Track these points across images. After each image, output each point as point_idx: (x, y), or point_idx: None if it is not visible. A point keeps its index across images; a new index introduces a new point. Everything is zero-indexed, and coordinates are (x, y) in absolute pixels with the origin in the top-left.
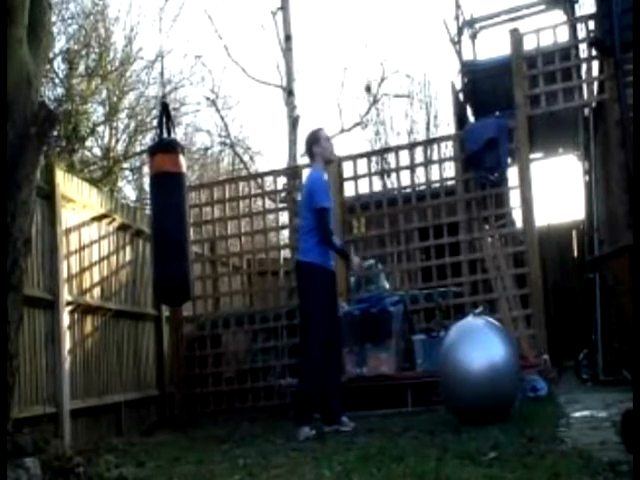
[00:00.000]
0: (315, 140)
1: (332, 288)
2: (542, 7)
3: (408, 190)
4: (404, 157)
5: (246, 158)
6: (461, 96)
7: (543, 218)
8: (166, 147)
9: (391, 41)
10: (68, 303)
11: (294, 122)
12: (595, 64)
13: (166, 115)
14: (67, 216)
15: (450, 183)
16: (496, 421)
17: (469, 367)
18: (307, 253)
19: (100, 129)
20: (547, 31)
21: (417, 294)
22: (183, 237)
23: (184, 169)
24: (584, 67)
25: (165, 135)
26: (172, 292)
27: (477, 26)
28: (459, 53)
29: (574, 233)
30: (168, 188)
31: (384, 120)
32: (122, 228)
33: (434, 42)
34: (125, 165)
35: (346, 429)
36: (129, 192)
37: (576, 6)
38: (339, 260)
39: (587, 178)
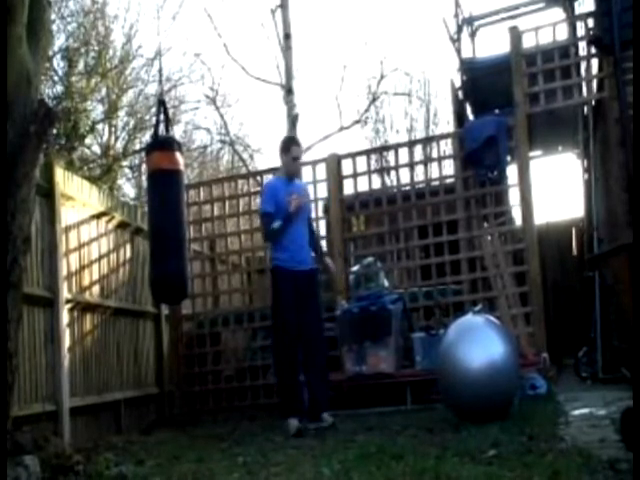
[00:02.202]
0: (285, 149)
1: (298, 288)
2: (541, 5)
3: (407, 188)
4: (403, 155)
5: (245, 156)
6: (460, 94)
7: (542, 216)
8: (162, 144)
9: (390, 39)
10: (67, 301)
11: (293, 120)
12: (594, 62)
13: (163, 112)
14: (66, 214)
15: (449, 181)
16: (495, 419)
17: (468, 365)
18: (273, 260)
19: (99, 127)
20: (546, 29)
21: (416, 292)
22: (180, 235)
23: (181, 166)
24: (583, 65)
25: (162, 132)
26: (169, 290)
27: (476, 24)
28: (458, 51)
29: (573, 231)
30: (165, 186)
31: (383, 118)
32: (121, 226)
33: (433, 40)
34: (124, 163)
35: (324, 425)
36: (128, 190)
37: (575, 4)
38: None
39: (586, 176)
